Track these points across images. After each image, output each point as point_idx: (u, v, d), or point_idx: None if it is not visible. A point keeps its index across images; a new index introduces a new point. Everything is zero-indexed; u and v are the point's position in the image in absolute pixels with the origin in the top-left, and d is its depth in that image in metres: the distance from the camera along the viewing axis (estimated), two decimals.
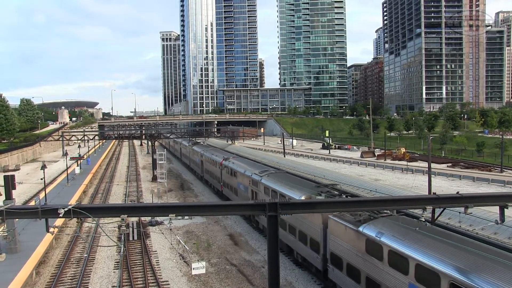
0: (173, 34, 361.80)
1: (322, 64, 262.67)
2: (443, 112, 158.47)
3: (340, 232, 21.45)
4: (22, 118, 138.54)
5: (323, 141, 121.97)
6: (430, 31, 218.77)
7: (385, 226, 18.91)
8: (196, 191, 58.42)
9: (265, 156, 58.34)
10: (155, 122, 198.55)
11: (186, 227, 38.14)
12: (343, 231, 21.17)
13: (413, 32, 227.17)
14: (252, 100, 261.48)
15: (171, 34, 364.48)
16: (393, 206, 16.56)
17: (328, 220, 22.55)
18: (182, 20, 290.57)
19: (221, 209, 15.94)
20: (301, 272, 27.34)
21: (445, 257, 15.00)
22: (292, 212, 14.95)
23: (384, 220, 19.72)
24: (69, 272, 28.04)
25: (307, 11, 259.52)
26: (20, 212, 13.71)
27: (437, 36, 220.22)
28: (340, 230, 21.42)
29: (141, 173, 78.66)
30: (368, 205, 15.45)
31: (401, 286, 16.79)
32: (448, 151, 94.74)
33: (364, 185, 29.23)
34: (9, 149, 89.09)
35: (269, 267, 13.37)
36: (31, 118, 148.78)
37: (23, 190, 56.79)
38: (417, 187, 53.16)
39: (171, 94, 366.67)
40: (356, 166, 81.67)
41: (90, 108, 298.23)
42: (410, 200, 15.52)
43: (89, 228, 38.50)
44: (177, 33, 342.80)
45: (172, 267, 28.54)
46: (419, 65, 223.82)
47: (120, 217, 13.32)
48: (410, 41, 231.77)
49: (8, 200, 26.57)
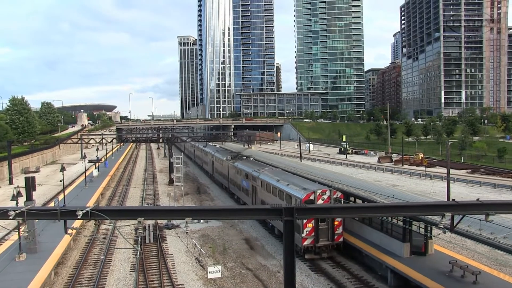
0: (190, 38, 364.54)
1: (339, 68, 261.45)
2: (463, 117, 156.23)
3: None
4: (43, 121, 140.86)
5: (340, 146, 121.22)
6: (449, 35, 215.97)
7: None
8: (212, 195, 58.53)
9: (281, 161, 58.33)
10: (172, 126, 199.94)
11: (202, 231, 38.21)
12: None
13: (431, 36, 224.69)
14: (269, 104, 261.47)
15: (188, 39, 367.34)
16: (410, 212, 16.32)
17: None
18: (199, 25, 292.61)
19: (237, 213, 15.92)
20: (318, 277, 27.16)
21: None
22: (309, 217, 14.88)
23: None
24: (86, 273, 28.31)
25: (324, 16, 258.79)
26: (40, 213, 13.90)
27: (456, 40, 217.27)
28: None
29: (158, 176, 79.19)
30: (384, 210, 15.28)
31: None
32: (468, 157, 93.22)
33: (381, 190, 28.86)
34: (30, 151, 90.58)
35: (285, 272, 13.31)
36: (51, 121, 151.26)
37: (42, 191, 57.62)
38: (435, 193, 52.42)
39: (188, 98, 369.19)
40: (373, 171, 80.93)
41: (108, 112, 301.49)
42: (428, 206, 15.24)
43: (106, 230, 38.87)
44: (194, 38, 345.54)
45: (187, 271, 28.59)
46: (437, 70, 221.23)
47: (137, 220, 13.36)
48: (428, 45, 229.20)
49: (28, 201, 26.96)
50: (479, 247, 29.43)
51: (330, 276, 27.20)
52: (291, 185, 32.62)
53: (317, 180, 35.08)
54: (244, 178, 45.62)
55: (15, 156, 78.42)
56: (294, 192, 30.94)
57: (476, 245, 29.12)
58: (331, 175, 37.46)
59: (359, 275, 27.35)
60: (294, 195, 30.73)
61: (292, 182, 33.52)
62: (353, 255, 30.15)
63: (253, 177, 41.65)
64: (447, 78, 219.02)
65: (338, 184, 32.79)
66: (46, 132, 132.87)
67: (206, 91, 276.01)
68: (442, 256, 25.35)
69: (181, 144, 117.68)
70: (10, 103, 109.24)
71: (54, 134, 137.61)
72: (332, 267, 29.02)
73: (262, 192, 38.52)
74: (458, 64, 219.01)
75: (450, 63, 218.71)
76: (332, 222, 29.41)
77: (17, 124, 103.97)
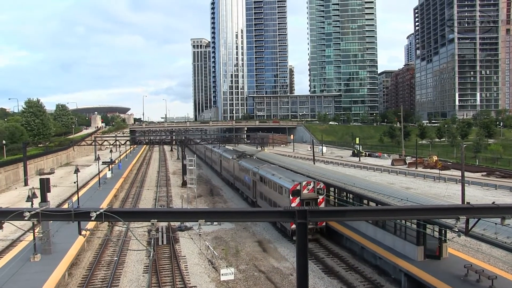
0: (203, 41, 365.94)
1: (353, 70, 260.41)
2: (477, 120, 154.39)
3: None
4: (57, 123, 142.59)
5: (353, 149, 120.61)
6: (463, 37, 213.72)
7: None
8: (225, 197, 58.61)
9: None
10: (186, 128, 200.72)
11: (215, 233, 38.26)
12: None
13: (445, 38, 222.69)
14: (282, 106, 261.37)
15: (201, 41, 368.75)
16: (424, 215, 16.14)
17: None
18: (213, 27, 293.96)
19: (249, 216, 15.93)
20: (330, 280, 27.01)
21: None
22: (322, 219, 14.81)
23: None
24: (99, 274, 28.52)
25: (337, 18, 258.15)
26: (54, 215, 14.05)
27: (471, 42, 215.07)
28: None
29: (171, 178, 79.54)
30: (398, 213, 15.14)
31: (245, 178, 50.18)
32: (483, 159, 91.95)
33: (395, 193, 28.64)
34: (45, 153, 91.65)
35: (298, 274, 13.26)
36: (65, 123, 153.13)
37: (57, 193, 58.26)
38: (449, 196, 51.87)
39: (201, 100, 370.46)
40: (386, 174, 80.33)
41: (122, 114, 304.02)
42: (442, 209, 15.02)
43: (120, 232, 39.12)
44: (207, 40, 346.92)
45: (200, 273, 28.63)
46: (452, 72, 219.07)
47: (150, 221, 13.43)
48: (442, 47, 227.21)
49: (43, 203, 27.27)
50: (494, 251, 29.05)
51: (343, 279, 27.04)
52: (283, 178, 37.73)
53: (307, 174, 40.30)
54: (246, 174, 51.04)
55: (30, 158, 79.42)
56: (284, 183, 36.04)
57: (492, 249, 28.75)
58: (343, 178, 37.51)
59: (372, 278, 27.16)
60: (284, 185, 35.89)
61: (285, 176, 38.67)
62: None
63: (253, 173, 46.99)
64: (462, 80, 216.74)
65: (351, 186, 32.89)
66: (60, 134, 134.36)
67: (219, 93, 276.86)
68: (457, 260, 25.02)
69: (194, 146, 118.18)
70: (26, 106, 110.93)
71: (68, 136, 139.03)
72: (345, 270, 28.87)
73: (261, 185, 43.76)
74: (473, 66, 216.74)
75: (464, 65, 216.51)
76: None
77: (33, 126, 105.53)
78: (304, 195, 34.19)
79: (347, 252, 32.48)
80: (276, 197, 38.00)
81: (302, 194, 34.17)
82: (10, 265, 25.50)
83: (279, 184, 37.09)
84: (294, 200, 33.98)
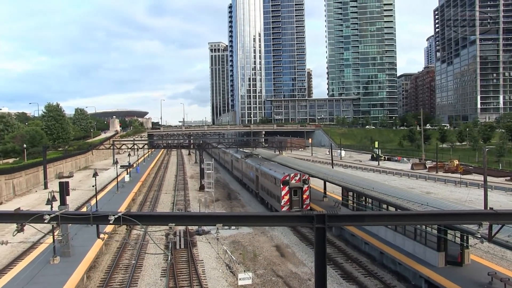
0: (221, 45, 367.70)
1: (371, 73, 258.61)
2: (500, 123, 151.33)
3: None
4: (76, 127, 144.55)
5: (372, 152, 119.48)
6: (485, 38, 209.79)
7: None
8: (242, 201, 58.53)
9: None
10: (203, 132, 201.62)
11: (232, 237, 38.17)
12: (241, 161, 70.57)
13: (467, 39, 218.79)
14: (300, 110, 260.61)
15: (219, 45, 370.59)
16: (445, 220, 15.69)
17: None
18: (230, 31, 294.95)
19: (267, 220, 15.72)
20: (349, 286, 26.64)
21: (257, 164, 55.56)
22: (341, 224, 14.56)
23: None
24: (117, 277, 28.65)
25: (355, 20, 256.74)
26: (73, 218, 14.06)
27: (493, 43, 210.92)
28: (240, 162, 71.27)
29: (188, 182, 79.83)
30: (419, 218, 14.73)
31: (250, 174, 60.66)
32: (506, 164, 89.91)
33: (415, 198, 28.09)
34: (64, 156, 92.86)
35: (316, 280, 13.02)
36: (84, 127, 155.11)
37: (75, 196, 58.90)
38: (471, 201, 50.82)
39: (219, 104, 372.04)
40: (406, 178, 79.25)
41: (140, 118, 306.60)
42: (463, 214, 14.54)
43: (138, 236, 39.29)
44: (225, 44, 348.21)
45: (218, 277, 28.53)
46: (473, 74, 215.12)
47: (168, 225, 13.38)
48: (463, 49, 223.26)
49: (62, 206, 27.57)
50: None
51: (362, 285, 26.64)
52: (277, 171, 46.22)
53: (302, 170, 47.52)
54: (251, 170, 60.35)
55: (50, 161, 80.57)
56: (277, 175, 44.58)
57: None
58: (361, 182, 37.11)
59: (391, 284, 26.68)
60: (276, 176, 44.64)
61: (279, 170, 47.31)
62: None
63: (256, 169, 56.35)
64: (484, 82, 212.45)
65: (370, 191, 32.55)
66: (79, 138, 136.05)
67: (237, 97, 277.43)
68: (480, 267, 24.41)
69: (211, 150, 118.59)
70: (46, 110, 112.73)
71: (87, 140, 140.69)
72: (364, 275, 28.45)
73: (262, 179, 52.70)
74: (495, 68, 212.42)
75: (487, 67, 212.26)
76: (302, 195, 42.24)
77: (52, 130, 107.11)
78: (292, 184, 42.13)
79: (366, 257, 32.05)
80: (271, 186, 46.64)
81: (290, 184, 42.05)
82: (31, 267, 25.89)
83: (273, 176, 45.88)
84: (284, 188, 42.05)
